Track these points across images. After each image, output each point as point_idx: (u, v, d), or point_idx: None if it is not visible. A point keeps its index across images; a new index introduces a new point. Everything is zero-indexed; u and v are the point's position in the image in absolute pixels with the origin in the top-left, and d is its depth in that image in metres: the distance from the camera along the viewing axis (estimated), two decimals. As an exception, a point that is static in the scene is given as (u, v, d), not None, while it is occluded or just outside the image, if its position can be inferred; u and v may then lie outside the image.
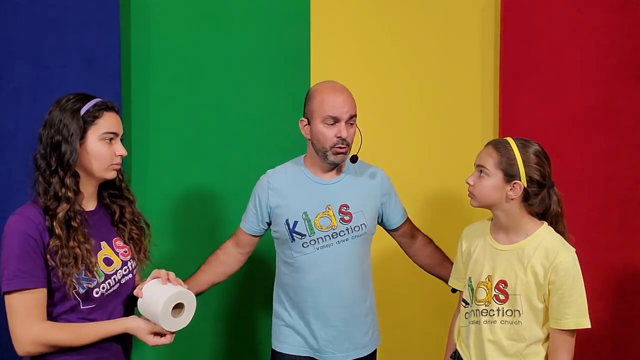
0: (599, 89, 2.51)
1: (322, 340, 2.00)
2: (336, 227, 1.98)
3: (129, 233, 1.73)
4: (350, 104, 1.95)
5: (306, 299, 2.00)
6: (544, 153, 1.77)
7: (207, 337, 2.63)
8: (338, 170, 2.04)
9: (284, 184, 2.03)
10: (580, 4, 2.51)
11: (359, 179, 2.05)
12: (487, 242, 1.84)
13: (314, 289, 1.98)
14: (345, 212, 1.99)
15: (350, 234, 1.99)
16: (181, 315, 1.61)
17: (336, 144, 1.93)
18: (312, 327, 2.00)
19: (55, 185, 1.57)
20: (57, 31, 2.35)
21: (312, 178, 2.02)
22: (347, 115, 1.93)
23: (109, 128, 1.62)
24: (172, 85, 2.54)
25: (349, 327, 2.01)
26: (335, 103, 1.92)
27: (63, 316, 1.57)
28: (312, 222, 1.98)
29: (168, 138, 2.55)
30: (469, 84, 2.65)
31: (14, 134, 2.31)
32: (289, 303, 2.04)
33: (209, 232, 2.57)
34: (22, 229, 1.53)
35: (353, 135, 1.97)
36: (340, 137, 1.92)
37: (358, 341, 2.03)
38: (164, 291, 1.59)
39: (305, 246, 1.98)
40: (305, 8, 2.60)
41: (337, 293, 1.99)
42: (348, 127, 1.94)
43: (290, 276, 2.03)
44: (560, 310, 1.70)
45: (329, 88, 1.97)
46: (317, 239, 1.98)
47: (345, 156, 1.97)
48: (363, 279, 2.05)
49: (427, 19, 2.64)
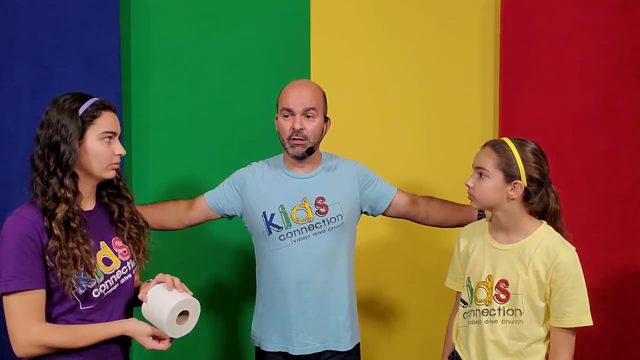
0: (599, 89, 2.51)
1: (301, 332, 2.01)
2: (312, 220, 2.00)
3: (128, 232, 1.72)
4: (306, 97, 1.99)
5: (284, 293, 2.01)
6: (541, 151, 1.77)
7: (206, 334, 2.63)
8: (313, 165, 2.07)
9: (264, 176, 2.08)
10: (580, 4, 2.51)
11: (334, 173, 2.08)
12: (486, 242, 1.84)
13: (290, 282, 2.00)
14: (321, 205, 2.02)
15: (327, 225, 2.01)
16: (185, 323, 1.61)
17: (291, 135, 1.98)
18: (292, 320, 2.01)
19: (54, 186, 1.56)
20: (57, 31, 2.35)
21: (288, 173, 2.06)
22: (300, 107, 1.98)
23: (107, 127, 1.62)
24: (172, 85, 2.54)
25: (329, 319, 2.03)
26: (290, 95, 2.00)
27: (62, 317, 1.57)
28: (288, 214, 2.00)
29: (168, 138, 2.55)
30: (469, 84, 2.65)
31: (14, 134, 2.31)
32: (268, 297, 2.06)
33: (208, 231, 2.57)
34: (20, 230, 1.52)
35: (313, 128, 1.99)
36: (293, 128, 1.97)
37: (340, 332, 2.04)
38: (170, 299, 1.58)
39: (282, 239, 2.00)
40: (305, 8, 2.60)
41: (316, 284, 2.00)
42: (304, 120, 1.98)
43: (269, 270, 2.05)
44: (562, 308, 1.70)
45: (291, 84, 2.06)
46: (294, 231, 2.00)
47: (302, 148, 1.99)
48: (346, 269, 2.06)
49: (427, 18, 2.64)
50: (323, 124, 2.04)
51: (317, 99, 2.01)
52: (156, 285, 1.64)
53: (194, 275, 2.59)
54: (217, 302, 2.64)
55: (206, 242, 2.61)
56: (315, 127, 2.00)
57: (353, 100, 2.63)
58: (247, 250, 2.57)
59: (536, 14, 2.53)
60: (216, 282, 2.65)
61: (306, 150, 2.00)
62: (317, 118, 2.01)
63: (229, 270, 2.65)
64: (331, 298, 2.03)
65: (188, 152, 2.57)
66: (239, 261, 2.65)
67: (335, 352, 2.05)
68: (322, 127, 2.04)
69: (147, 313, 1.62)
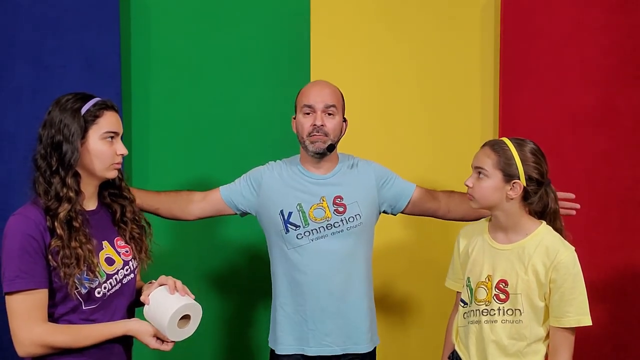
0: (599, 89, 2.51)
1: (319, 332, 2.00)
2: (330, 219, 1.99)
3: (130, 232, 1.72)
4: (326, 94, 2.00)
5: (302, 292, 2.00)
6: (540, 151, 1.78)
7: (208, 336, 2.63)
8: (331, 165, 2.06)
9: (281, 175, 2.07)
10: (580, 4, 2.51)
11: (352, 172, 2.08)
12: (485, 241, 1.84)
13: (310, 282, 1.99)
14: (340, 204, 2.01)
15: (345, 225, 2.00)
16: (187, 326, 1.61)
17: (312, 132, 1.98)
18: (308, 320, 2.00)
19: (57, 186, 1.56)
20: (57, 31, 2.35)
21: (305, 174, 2.05)
22: (321, 104, 1.98)
23: (110, 127, 1.62)
24: (172, 85, 2.55)
25: (347, 320, 2.01)
26: (310, 92, 2.01)
27: (65, 317, 1.57)
28: (306, 213, 1.99)
29: (168, 137, 2.55)
30: (469, 84, 2.65)
31: (14, 134, 2.31)
32: (285, 298, 2.04)
33: (209, 231, 2.57)
34: (23, 230, 1.52)
35: (334, 126, 2.00)
36: (315, 124, 1.97)
37: (358, 334, 2.03)
38: (172, 302, 1.58)
39: (299, 238, 1.99)
40: (305, 8, 2.60)
41: (334, 284, 1.99)
42: (325, 117, 1.98)
43: (286, 270, 2.03)
44: (561, 308, 1.70)
45: (311, 83, 2.09)
46: (312, 230, 1.99)
47: (323, 144, 1.99)
48: (364, 271, 2.05)
49: (427, 18, 2.64)
50: (342, 123, 2.05)
51: (337, 98, 2.03)
52: (158, 287, 1.64)
53: (195, 275, 2.60)
54: (221, 304, 2.65)
55: (209, 242, 2.61)
56: (335, 124, 2.00)
57: (353, 101, 2.61)
58: (253, 250, 2.58)
59: (536, 14, 2.53)
60: (218, 282, 2.65)
61: (327, 146, 1.99)
62: (337, 116, 2.02)
63: (233, 270, 2.65)
64: (350, 299, 2.01)
65: (188, 152, 2.57)
66: (242, 261, 2.65)
67: (354, 354, 2.03)
68: (341, 127, 2.04)
69: (149, 315, 1.62)
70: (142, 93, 2.53)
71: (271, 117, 2.60)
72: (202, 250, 2.61)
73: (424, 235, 2.66)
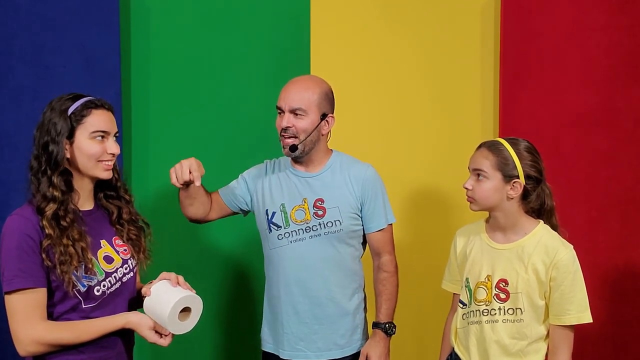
0: (599, 89, 2.51)
1: (293, 337, 1.99)
2: (309, 221, 1.97)
3: (127, 234, 1.72)
4: (293, 97, 1.94)
5: (279, 294, 2.00)
6: (534, 148, 1.79)
7: (207, 334, 2.63)
8: (319, 164, 2.03)
9: (272, 174, 2.07)
10: (580, 4, 2.51)
11: (340, 175, 2.02)
12: (483, 242, 1.84)
13: (285, 283, 1.98)
14: (320, 207, 1.98)
15: (323, 229, 1.97)
16: (187, 320, 1.61)
17: (280, 132, 1.97)
18: (284, 323, 2.00)
19: (44, 185, 1.57)
20: (57, 31, 2.35)
21: (292, 171, 2.04)
22: (286, 107, 1.95)
23: (97, 127, 1.61)
24: (172, 85, 2.55)
25: (322, 326, 1.99)
26: (281, 93, 1.99)
27: (65, 316, 1.57)
28: (288, 214, 1.99)
29: (168, 138, 2.55)
30: (469, 84, 2.65)
31: (14, 134, 2.31)
32: (267, 298, 2.07)
33: (209, 231, 2.57)
34: (20, 229, 1.53)
35: (304, 126, 1.94)
36: (281, 126, 1.96)
37: (333, 342, 2.00)
38: (173, 293, 1.59)
39: (280, 238, 1.99)
40: (305, 8, 2.60)
41: (310, 289, 1.97)
42: (292, 118, 1.94)
43: (268, 269, 2.05)
44: (562, 306, 1.71)
45: (290, 81, 2.02)
46: (291, 232, 1.98)
47: (290, 147, 1.95)
48: (344, 279, 2.01)
49: (426, 19, 2.64)
50: (318, 122, 1.97)
51: (306, 99, 1.94)
52: (161, 280, 1.65)
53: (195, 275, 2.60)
54: (219, 302, 2.64)
55: (208, 242, 2.61)
56: (305, 125, 1.94)
57: (352, 101, 2.62)
58: (250, 250, 2.57)
59: (536, 14, 2.53)
60: (218, 282, 2.65)
61: (289, 147, 1.95)
62: (308, 117, 1.95)
63: (231, 270, 2.65)
64: (328, 305, 1.98)
65: (188, 152, 2.55)
66: (241, 261, 2.65)
67: None
68: (315, 126, 1.96)
69: (149, 308, 1.62)
70: (142, 93, 2.52)
71: (271, 117, 2.58)
72: (202, 249, 2.61)
73: (421, 237, 2.66)
